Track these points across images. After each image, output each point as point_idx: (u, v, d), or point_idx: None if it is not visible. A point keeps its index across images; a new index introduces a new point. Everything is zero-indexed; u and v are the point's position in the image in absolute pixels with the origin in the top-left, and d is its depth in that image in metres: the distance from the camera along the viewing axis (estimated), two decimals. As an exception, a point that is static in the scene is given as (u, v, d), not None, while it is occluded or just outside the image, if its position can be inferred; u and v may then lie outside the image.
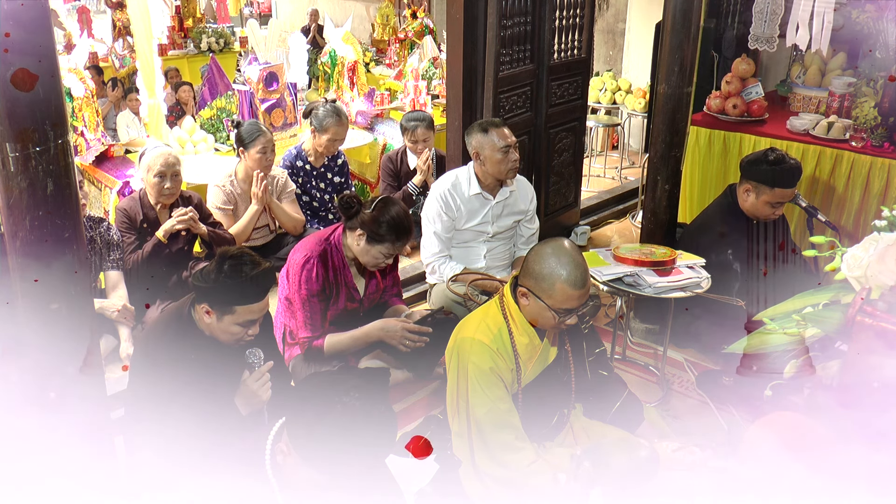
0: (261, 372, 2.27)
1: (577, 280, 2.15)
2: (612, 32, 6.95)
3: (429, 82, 5.89)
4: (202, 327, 2.29)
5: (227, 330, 2.24)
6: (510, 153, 3.37)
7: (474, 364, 2.22)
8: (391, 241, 2.88)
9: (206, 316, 2.25)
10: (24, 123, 1.66)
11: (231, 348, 2.30)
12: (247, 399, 2.27)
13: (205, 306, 2.24)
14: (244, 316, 2.22)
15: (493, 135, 3.35)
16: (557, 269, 2.16)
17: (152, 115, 4.79)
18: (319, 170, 4.37)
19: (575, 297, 2.17)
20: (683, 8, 3.24)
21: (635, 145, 6.68)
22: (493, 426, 2.21)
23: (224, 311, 2.22)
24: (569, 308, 2.18)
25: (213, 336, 2.28)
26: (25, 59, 1.62)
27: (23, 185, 1.70)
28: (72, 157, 1.77)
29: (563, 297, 2.16)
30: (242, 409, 2.27)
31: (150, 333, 2.47)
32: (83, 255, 1.87)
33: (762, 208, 3.32)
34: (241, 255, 2.24)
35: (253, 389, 2.26)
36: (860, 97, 4.07)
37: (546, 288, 2.17)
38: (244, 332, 2.26)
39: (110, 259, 3.35)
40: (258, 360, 2.29)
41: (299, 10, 10.85)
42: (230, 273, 2.18)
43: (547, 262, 2.18)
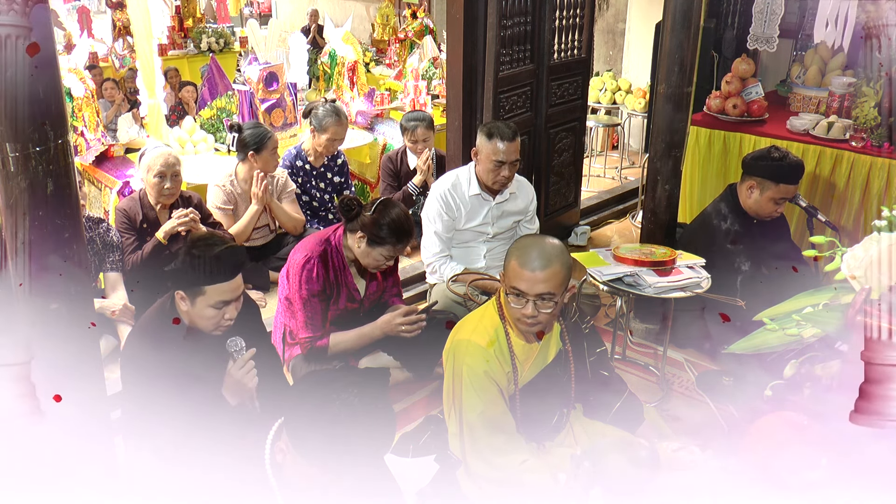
0: (244, 360, 2.25)
1: (527, 259, 2.11)
2: (612, 32, 6.95)
3: (429, 82, 5.89)
4: (184, 319, 2.29)
5: (202, 314, 2.24)
6: (502, 169, 3.37)
7: (468, 366, 2.22)
8: (392, 244, 2.88)
9: (183, 303, 2.25)
10: (24, 123, 1.66)
11: (215, 338, 2.29)
12: (233, 389, 2.25)
13: (180, 293, 2.25)
14: (215, 296, 2.21)
15: (492, 145, 3.35)
16: (517, 247, 2.19)
17: (152, 115, 4.79)
18: (319, 170, 4.37)
19: (523, 278, 2.11)
20: (683, 8, 3.24)
21: (635, 145, 6.67)
22: (485, 429, 2.21)
23: (195, 294, 2.22)
24: (517, 288, 2.12)
25: (195, 325, 2.28)
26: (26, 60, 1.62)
27: (23, 185, 1.70)
28: (72, 157, 1.78)
29: (512, 273, 2.13)
30: (231, 400, 2.25)
31: (134, 332, 2.47)
32: (83, 255, 1.87)
33: (765, 205, 3.33)
34: (208, 237, 2.28)
35: (237, 378, 2.24)
36: (860, 97, 4.07)
37: (504, 266, 2.19)
38: (220, 315, 2.25)
39: (109, 260, 3.35)
40: (239, 348, 2.27)
41: (299, 10, 10.84)
42: (197, 253, 2.20)
43: (515, 243, 2.22)
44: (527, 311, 2.15)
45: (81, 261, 1.85)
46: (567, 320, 2.43)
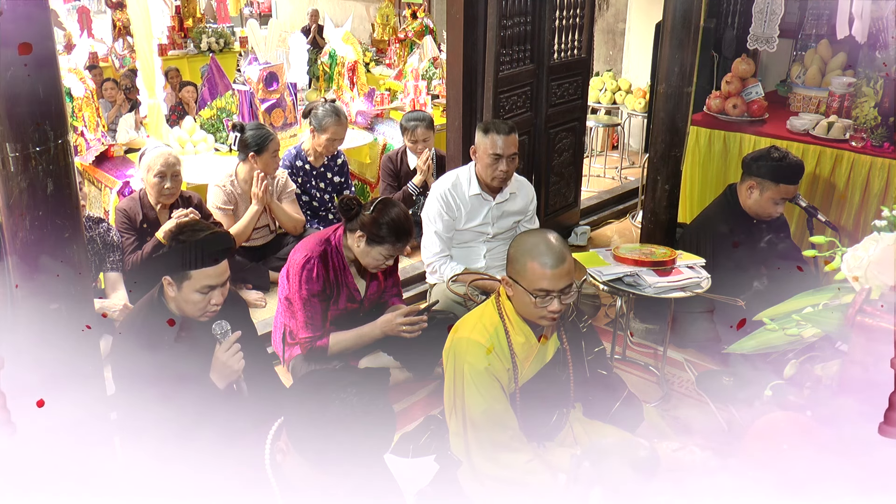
0: (229, 342, 2.29)
1: (546, 258, 2.15)
2: (612, 32, 6.95)
3: (429, 82, 5.89)
4: (171, 307, 2.33)
5: (188, 299, 2.28)
6: (499, 162, 3.37)
7: (470, 364, 2.22)
8: (391, 243, 2.88)
9: (170, 288, 2.30)
10: (24, 123, 1.66)
11: (202, 325, 2.33)
12: (220, 372, 2.29)
13: (167, 278, 2.29)
14: (200, 280, 2.26)
15: (489, 139, 3.36)
16: (529, 248, 2.18)
17: (152, 115, 4.79)
18: (319, 170, 4.37)
19: (547, 277, 2.14)
20: (683, 8, 3.24)
21: (635, 145, 6.67)
22: (488, 426, 2.21)
23: (182, 278, 2.26)
24: (543, 289, 2.15)
25: (182, 312, 2.32)
26: (25, 59, 1.62)
27: (23, 185, 1.70)
28: (72, 157, 1.77)
29: (534, 276, 2.15)
30: (218, 383, 2.29)
31: (124, 324, 2.51)
32: (83, 255, 1.87)
33: (766, 205, 3.33)
34: (195, 224, 2.34)
35: (223, 361, 2.28)
36: (860, 97, 4.07)
37: (520, 269, 2.19)
38: (206, 300, 2.29)
39: (109, 261, 3.35)
40: (224, 331, 2.31)
41: (299, 10, 10.84)
42: (184, 238, 2.26)
43: (521, 244, 2.22)
44: (554, 308, 2.18)
45: (81, 261, 1.85)
46: (565, 319, 2.43)
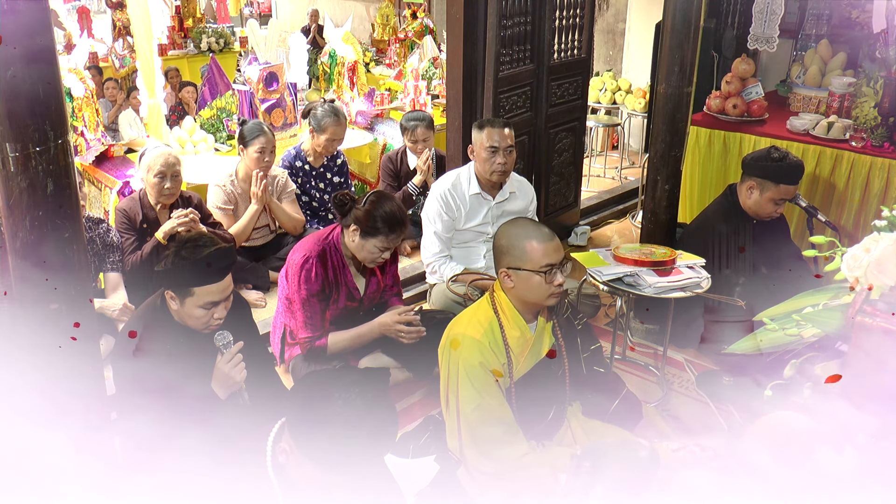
0: (231, 353, 2.28)
1: (541, 235, 2.23)
2: (612, 32, 6.95)
3: (429, 82, 5.89)
4: (175, 317, 2.32)
5: (191, 314, 2.26)
6: (496, 155, 3.38)
7: (464, 359, 2.23)
8: (385, 234, 2.88)
9: (172, 302, 2.28)
10: (24, 123, 1.66)
11: (204, 335, 2.31)
12: (221, 382, 2.27)
13: (170, 292, 2.27)
14: (204, 297, 2.24)
15: (485, 133, 3.39)
16: (520, 233, 2.24)
17: (152, 115, 4.79)
18: (319, 170, 4.37)
19: (550, 251, 2.22)
20: (683, 8, 3.24)
21: (635, 145, 6.68)
22: (482, 421, 2.21)
23: (184, 294, 2.24)
24: (549, 263, 2.21)
25: (184, 323, 2.31)
26: (26, 59, 1.62)
27: (23, 185, 1.70)
28: (72, 157, 1.78)
29: (537, 253, 2.21)
30: (220, 393, 2.28)
31: (125, 329, 2.48)
32: (83, 255, 1.87)
33: (765, 205, 3.33)
34: (197, 238, 2.29)
35: (225, 372, 2.26)
36: (860, 97, 4.07)
37: (519, 255, 2.23)
38: (209, 315, 2.27)
39: (109, 260, 3.35)
40: (227, 342, 2.30)
41: (299, 10, 10.84)
42: (186, 255, 2.22)
43: (508, 234, 2.27)
44: (561, 280, 2.24)
45: (81, 261, 1.85)
46: (559, 316, 2.44)
